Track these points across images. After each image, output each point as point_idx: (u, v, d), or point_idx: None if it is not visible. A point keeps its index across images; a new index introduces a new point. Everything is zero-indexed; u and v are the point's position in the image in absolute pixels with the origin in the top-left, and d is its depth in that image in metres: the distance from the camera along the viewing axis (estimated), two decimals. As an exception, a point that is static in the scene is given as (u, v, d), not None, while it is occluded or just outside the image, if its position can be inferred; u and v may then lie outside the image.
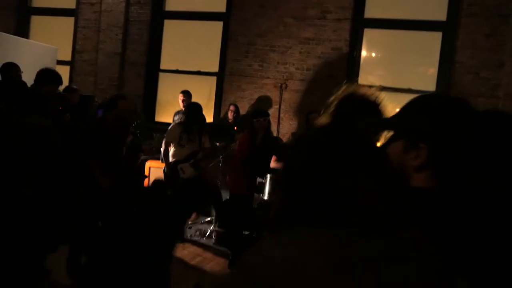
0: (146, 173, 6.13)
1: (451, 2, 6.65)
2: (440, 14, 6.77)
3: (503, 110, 1.20)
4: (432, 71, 6.89)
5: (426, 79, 6.90)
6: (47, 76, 4.29)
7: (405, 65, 7.17)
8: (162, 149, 5.64)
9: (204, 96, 7.77)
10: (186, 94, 6.73)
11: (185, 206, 5.44)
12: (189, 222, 6.01)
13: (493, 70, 6.27)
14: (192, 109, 5.40)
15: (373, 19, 7.07)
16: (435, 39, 6.83)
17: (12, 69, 4.95)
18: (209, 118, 7.27)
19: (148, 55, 8.05)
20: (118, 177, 3.87)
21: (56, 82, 4.31)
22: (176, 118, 6.51)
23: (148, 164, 6.26)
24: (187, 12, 7.97)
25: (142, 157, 5.83)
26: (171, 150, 5.39)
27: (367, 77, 7.26)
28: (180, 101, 6.70)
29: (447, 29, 6.68)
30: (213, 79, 7.77)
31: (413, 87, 6.90)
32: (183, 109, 6.45)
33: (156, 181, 4.07)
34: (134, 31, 8.05)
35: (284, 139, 7.04)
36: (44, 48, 7.49)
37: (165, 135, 5.56)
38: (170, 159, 5.37)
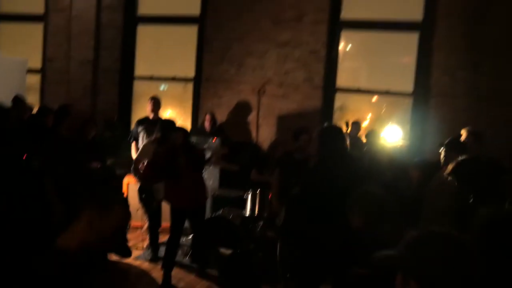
0: (124, 189, 5.97)
1: (427, 2, 6.61)
2: (416, 14, 6.73)
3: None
4: (409, 72, 6.86)
5: (404, 80, 6.87)
6: None
7: (383, 67, 7.14)
8: (132, 167, 5.38)
9: (180, 102, 7.63)
10: (156, 101, 6.31)
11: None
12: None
13: (469, 71, 6.27)
14: (165, 126, 5.16)
15: (350, 21, 7.00)
16: (412, 39, 6.80)
17: None
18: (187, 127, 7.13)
19: (122, 62, 7.82)
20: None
21: None
22: (139, 128, 6.13)
23: (126, 180, 6.08)
24: (160, 17, 7.77)
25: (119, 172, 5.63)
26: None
27: (346, 79, 7.21)
28: (150, 109, 6.25)
29: (424, 29, 6.65)
30: (189, 85, 7.60)
31: (391, 89, 6.89)
32: (150, 117, 6.17)
33: None
34: (107, 37, 7.80)
35: (264, 145, 6.96)
36: (13, 61, 7.23)
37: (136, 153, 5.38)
38: None
